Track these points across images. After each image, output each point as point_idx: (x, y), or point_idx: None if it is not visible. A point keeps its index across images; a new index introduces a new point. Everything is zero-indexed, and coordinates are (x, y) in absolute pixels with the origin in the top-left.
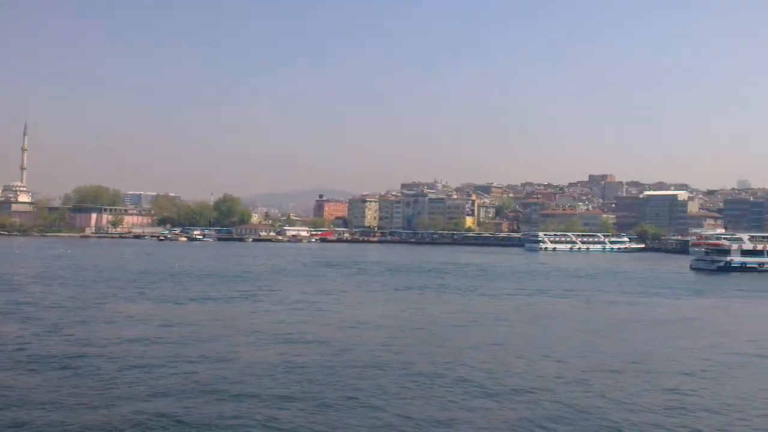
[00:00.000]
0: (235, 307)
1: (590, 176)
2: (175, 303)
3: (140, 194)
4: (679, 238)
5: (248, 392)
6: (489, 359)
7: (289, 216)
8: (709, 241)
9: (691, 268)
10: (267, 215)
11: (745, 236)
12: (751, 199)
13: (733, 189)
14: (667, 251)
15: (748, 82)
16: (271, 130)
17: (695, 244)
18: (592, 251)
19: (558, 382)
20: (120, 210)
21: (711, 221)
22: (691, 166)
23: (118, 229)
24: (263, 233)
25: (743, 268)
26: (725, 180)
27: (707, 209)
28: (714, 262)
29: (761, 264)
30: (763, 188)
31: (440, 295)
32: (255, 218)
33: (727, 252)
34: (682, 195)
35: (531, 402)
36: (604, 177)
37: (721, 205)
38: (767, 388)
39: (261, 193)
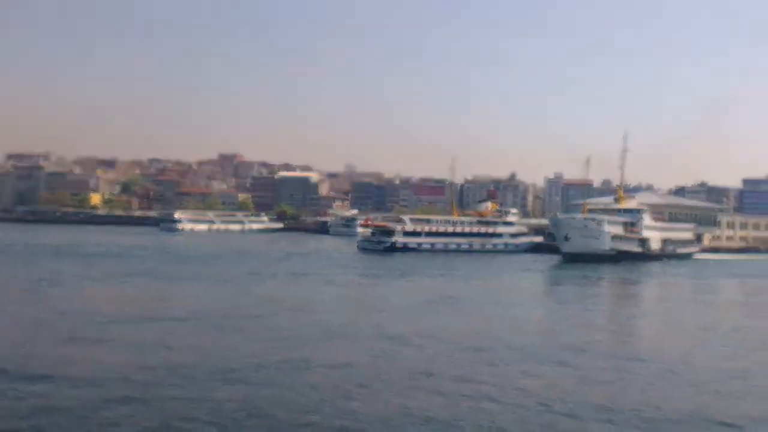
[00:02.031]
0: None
1: (220, 155)
2: None
3: None
4: (319, 218)
5: None
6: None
7: None
8: (376, 223)
9: (359, 249)
10: None
11: (407, 218)
12: (375, 182)
13: (352, 172)
14: (306, 231)
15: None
16: None
17: (362, 225)
18: (231, 231)
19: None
20: None
21: (340, 202)
22: (309, 148)
23: None
24: None
25: (405, 248)
26: (338, 164)
27: (336, 191)
28: (381, 243)
29: (419, 244)
30: (378, 172)
31: (170, 283)
32: None
33: (392, 233)
34: (314, 176)
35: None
36: (234, 156)
37: (347, 186)
38: None
39: None
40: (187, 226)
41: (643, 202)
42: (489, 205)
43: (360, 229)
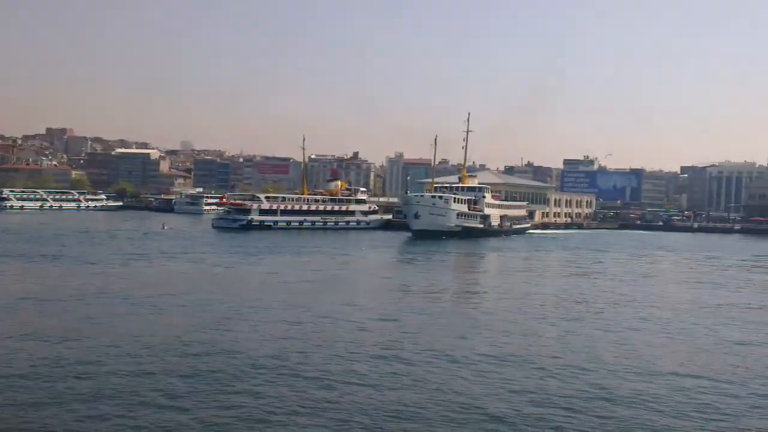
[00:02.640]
0: None
1: (48, 129)
2: None
3: None
4: (162, 196)
5: None
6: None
7: None
8: (233, 201)
9: (214, 227)
10: None
11: (262, 196)
12: (218, 160)
13: (193, 150)
14: (149, 209)
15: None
16: None
17: (218, 203)
18: (65, 209)
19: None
20: None
21: (182, 180)
22: (144, 124)
23: None
24: None
25: (261, 226)
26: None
27: (177, 168)
28: (236, 221)
29: (275, 222)
30: (220, 150)
31: (40, 264)
32: None
33: (248, 211)
34: (155, 154)
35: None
36: (64, 131)
37: (189, 164)
38: None
39: None
40: (17, 204)
41: (483, 181)
42: (339, 184)
43: (206, 207)
